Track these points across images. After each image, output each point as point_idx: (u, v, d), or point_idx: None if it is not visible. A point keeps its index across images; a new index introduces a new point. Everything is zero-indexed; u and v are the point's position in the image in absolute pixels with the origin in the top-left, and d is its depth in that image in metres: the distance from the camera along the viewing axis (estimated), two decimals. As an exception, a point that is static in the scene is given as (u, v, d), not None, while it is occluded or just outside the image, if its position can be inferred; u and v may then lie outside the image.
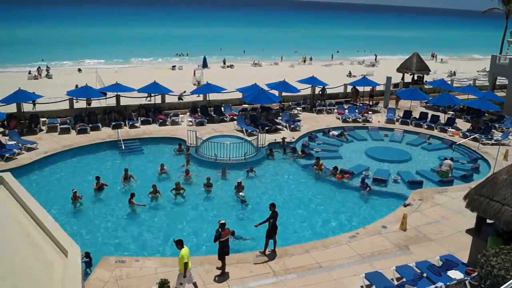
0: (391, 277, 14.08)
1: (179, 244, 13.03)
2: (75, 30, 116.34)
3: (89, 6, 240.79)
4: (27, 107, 31.10)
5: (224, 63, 69.51)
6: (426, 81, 46.58)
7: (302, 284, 14.05)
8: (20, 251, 10.11)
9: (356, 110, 35.29)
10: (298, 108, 36.34)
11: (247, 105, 35.24)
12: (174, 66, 65.23)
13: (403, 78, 46.50)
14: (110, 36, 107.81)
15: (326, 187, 22.76)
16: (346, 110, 35.27)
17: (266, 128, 29.90)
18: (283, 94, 36.71)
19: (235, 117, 32.23)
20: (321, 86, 38.20)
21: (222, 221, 14.38)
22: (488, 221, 14.71)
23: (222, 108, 34.02)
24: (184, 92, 39.04)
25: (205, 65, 64.17)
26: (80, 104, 33.40)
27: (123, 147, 26.34)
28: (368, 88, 39.99)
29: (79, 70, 59.78)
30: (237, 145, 25.37)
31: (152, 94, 35.06)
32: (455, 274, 13.90)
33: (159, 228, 18.19)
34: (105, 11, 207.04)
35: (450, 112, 36.46)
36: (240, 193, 20.59)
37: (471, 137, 29.27)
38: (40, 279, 9.26)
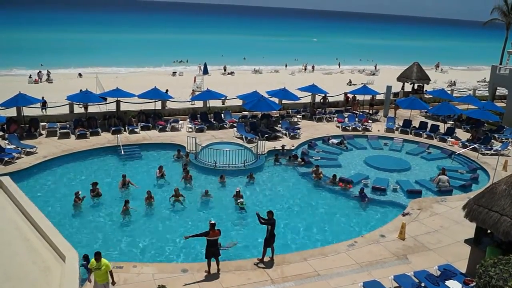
0: (389, 286, 14.03)
1: (97, 255, 12.91)
2: (75, 35, 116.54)
3: (89, 11, 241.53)
4: (30, 111, 31.04)
5: (225, 70, 69.71)
6: (426, 90, 46.70)
7: (300, 292, 14.02)
8: (19, 256, 10.11)
9: (356, 119, 35.34)
10: (298, 116, 36.40)
11: (247, 112, 35.30)
12: (174, 73, 65.44)
13: (403, 87, 46.61)
14: (111, 41, 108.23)
15: (324, 195, 22.74)
16: (346, 119, 35.32)
17: (266, 135, 29.93)
18: (283, 101, 36.76)
19: (235, 124, 32.26)
20: (322, 94, 38.31)
21: (212, 221, 14.77)
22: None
23: (222, 115, 34.05)
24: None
25: (205, 71, 64.25)
26: (80, 109, 33.43)
27: (123, 152, 26.33)
28: (368, 97, 40.09)
29: (80, 75, 59.93)
30: (237, 152, 25.37)
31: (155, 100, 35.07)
32: (453, 284, 13.87)
33: (157, 234, 18.14)
34: (106, 17, 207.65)
35: (450, 122, 36.49)
36: (239, 200, 20.58)
37: (471, 147, 29.27)
38: (37, 283, 9.26)
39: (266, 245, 15.50)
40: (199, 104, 36.18)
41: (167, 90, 39.12)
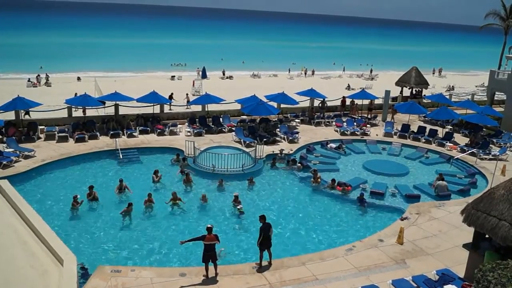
0: (388, 291, 14.04)
1: None
2: (75, 39, 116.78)
3: (88, 16, 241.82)
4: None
5: (224, 74, 69.77)
6: (424, 95, 46.78)
7: (298, 297, 13.99)
8: (16, 259, 10.08)
9: (355, 123, 35.38)
10: (296, 120, 36.42)
11: (245, 116, 35.30)
12: (173, 76, 65.47)
13: (401, 92, 46.69)
14: (110, 45, 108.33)
15: (323, 200, 22.70)
16: (345, 123, 35.37)
17: (264, 139, 29.95)
18: (282, 106, 36.79)
19: (233, 128, 32.26)
20: (320, 99, 38.36)
21: (209, 225, 14.83)
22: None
23: (221, 119, 34.06)
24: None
25: (204, 75, 64.39)
26: (79, 112, 33.41)
27: (121, 156, 26.30)
28: (366, 101, 40.15)
29: (78, 78, 59.94)
30: (235, 156, 25.36)
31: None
32: (452, 289, 13.86)
33: (155, 238, 18.09)
34: (105, 21, 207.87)
35: (448, 127, 36.57)
36: (239, 206, 20.53)
37: (469, 151, 29.31)
38: (36, 287, 9.23)
39: (261, 249, 15.48)
40: (197, 108, 36.22)
41: (171, 94, 39.30)
